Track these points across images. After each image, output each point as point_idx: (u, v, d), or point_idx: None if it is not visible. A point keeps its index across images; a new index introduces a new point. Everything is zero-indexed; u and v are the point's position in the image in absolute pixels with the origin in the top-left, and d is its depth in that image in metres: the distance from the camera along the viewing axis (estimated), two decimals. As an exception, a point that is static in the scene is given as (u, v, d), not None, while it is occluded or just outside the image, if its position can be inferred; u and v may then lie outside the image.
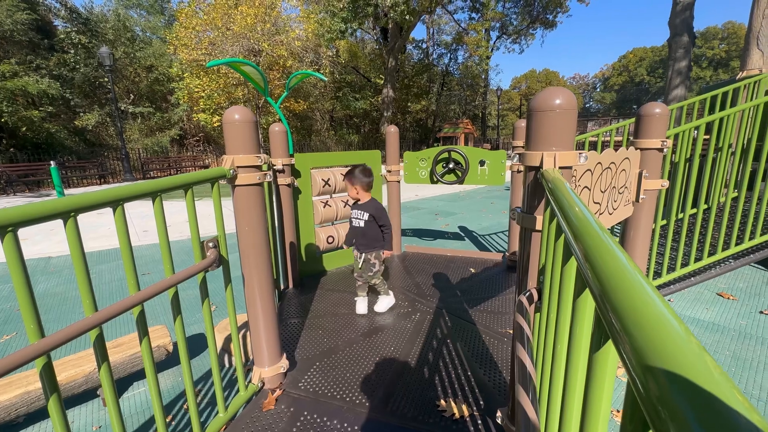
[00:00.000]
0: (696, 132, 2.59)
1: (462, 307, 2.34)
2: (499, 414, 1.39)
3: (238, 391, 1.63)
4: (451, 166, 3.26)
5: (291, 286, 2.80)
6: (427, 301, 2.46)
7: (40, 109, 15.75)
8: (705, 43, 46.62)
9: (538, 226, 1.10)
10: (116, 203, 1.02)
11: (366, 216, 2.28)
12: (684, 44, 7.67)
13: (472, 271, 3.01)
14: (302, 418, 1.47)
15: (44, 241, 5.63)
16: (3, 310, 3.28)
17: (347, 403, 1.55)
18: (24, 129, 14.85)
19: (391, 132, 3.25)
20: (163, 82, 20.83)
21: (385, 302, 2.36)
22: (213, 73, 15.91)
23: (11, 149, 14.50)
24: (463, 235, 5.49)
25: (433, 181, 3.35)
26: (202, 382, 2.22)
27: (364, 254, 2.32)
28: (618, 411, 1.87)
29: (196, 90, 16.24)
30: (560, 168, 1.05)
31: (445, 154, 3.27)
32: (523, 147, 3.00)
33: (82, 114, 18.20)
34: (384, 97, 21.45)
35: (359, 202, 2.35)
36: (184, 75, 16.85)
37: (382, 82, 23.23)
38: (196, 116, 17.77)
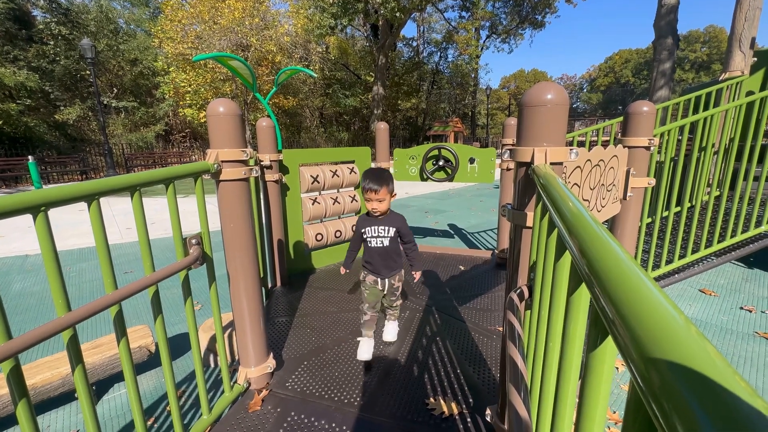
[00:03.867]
0: (680, 132, 2.63)
1: (451, 305, 2.34)
2: (488, 412, 1.38)
3: (223, 392, 1.58)
4: (441, 163, 3.25)
5: (279, 284, 2.75)
6: (416, 298, 2.44)
7: (18, 102, 15.21)
8: (688, 46, 47.80)
9: (529, 223, 1.09)
10: (91, 197, 0.97)
11: (392, 232, 1.81)
12: (668, 46, 7.82)
13: (462, 268, 3.01)
14: (289, 419, 1.44)
15: (21, 239, 5.43)
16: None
17: (335, 402, 1.52)
18: (0, 122, 14.32)
19: (381, 128, 3.22)
20: (147, 76, 20.32)
21: (395, 328, 2.00)
22: (200, 68, 15.60)
23: (-13, 143, 13.98)
24: (452, 232, 5.50)
25: (423, 179, 3.33)
26: (186, 383, 2.16)
27: (387, 280, 1.84)
28: (614, 412, 1.89)
29: (182, 85, 15.90)
30: (551, 164, 1.04)
31: (435, 152, 3.25)
32: (513, 144, 3.01)
33: (62, 108, 17.63)
34: (374, 94, 21.36)
35: (380, 216, 1.81)
36: (170, 69, 16.48)
37: (372, 79, 23.12)
38: (182, 111, 17.41)
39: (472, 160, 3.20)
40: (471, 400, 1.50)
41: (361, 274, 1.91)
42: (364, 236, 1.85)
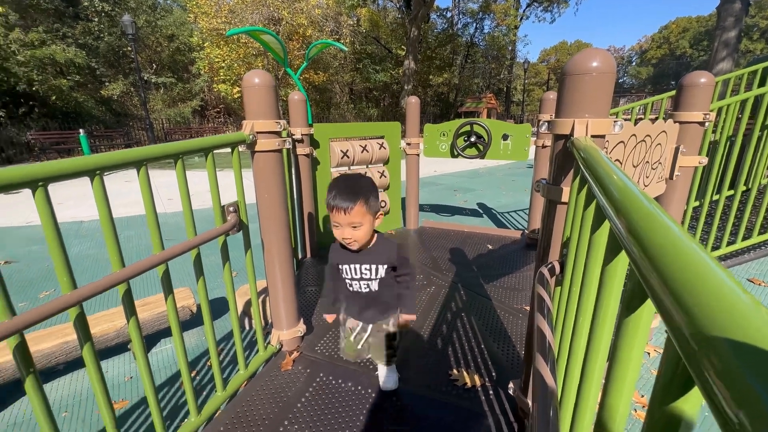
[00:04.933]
0: (741, 109, 2.40)
1: (478, 282, 2.33)
2: (511, 385, 1.40)
3: (257, 351, 1.69)
4: (472, 139, 3.16)
5: (309, 255, 2.85)
6: (442, 275, 2.46)
7: (68, 78, 16.11)
8: (759, 12, 42.47)
9: (565, 198, 1.06)
10: (140, 163, 1.04)
11: (382, 271, 1.24)
12: (735, 12, 7.01)
13: (490, 247, 2.97)
14: (318, 379, 1.53)
15: (77, 206, 5.90)
16: (42, 269, 3.50)
17: (361, 367, 1.59)
18: (54, 98, 15.29)
19: (412, 103, 3.16)
20: (184, 51, 20.85)
21: (395, 375, 1.47)
22: (233, 43, 15.78)
23: (43, 118, 15.03)
24: (481, 211, 5.41)
25: (453, 155, 3.27)
26: (224, 342, 2.33)
27: (371, 326, 1.35)
28: (642, 396, 1.85)
29: (217, 60, 16.20)
30: (592, 137, 0.99)
31: (467, 127, 3.16)
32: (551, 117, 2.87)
33: (107, 84, 18.53)
34: (405, 69, 20.81)
35: (361, 248, 1.22)
36: (204, 44, 16.78)
37: (403, 53, 22.47)
38: (216, 87, 17.82)
39: (505, 137, 3.09)
40: (494, 374, 1.53)
41: (341, 312, 1.39)
42: (341, 273, 1.28)
